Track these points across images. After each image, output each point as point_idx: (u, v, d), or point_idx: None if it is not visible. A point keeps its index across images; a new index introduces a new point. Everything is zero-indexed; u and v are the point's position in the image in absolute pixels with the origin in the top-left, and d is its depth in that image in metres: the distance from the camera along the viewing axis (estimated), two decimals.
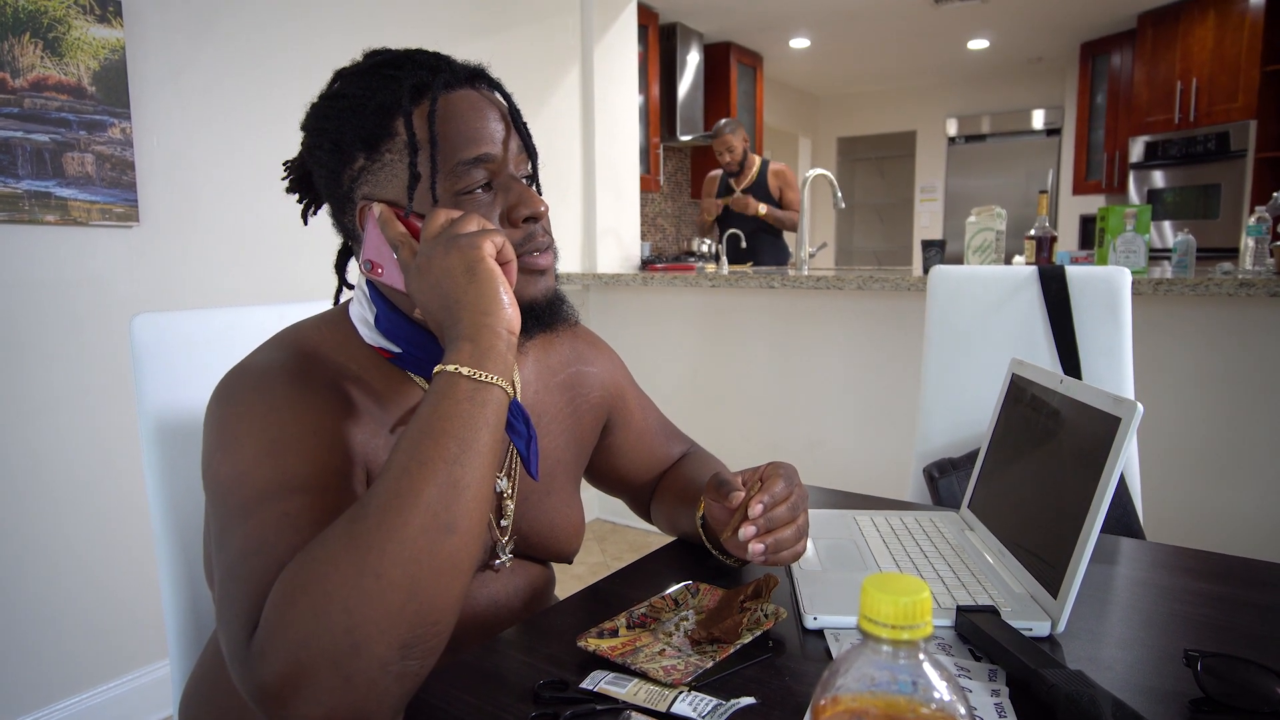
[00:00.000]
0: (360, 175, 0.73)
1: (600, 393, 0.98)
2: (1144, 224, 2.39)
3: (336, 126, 0.73)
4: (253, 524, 0.61)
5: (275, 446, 0.65)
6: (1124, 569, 0.95)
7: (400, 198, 0.72)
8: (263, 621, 0.54)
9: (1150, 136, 4.90)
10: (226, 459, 0.65)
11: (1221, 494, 2.22)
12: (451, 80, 0.73)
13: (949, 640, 0.75)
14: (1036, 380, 1.00)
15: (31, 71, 1.71)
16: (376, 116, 0.71)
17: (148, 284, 1.95)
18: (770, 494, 0.78)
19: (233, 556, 0.60)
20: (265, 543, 0.60)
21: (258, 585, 0.57)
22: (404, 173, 0.71)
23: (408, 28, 2.57)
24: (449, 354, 0.63)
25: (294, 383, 0.69)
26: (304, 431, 0.66)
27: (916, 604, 0.37)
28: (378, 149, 0.72)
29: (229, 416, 0.68)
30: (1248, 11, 4.31)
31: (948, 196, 7.08)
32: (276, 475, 0.63)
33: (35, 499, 1.80)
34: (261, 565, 0.58)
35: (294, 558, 0.56)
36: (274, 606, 0.54)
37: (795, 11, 4.99)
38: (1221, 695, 0.63)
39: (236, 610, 0.57)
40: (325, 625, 0.52)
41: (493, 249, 0.66)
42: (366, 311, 0.77)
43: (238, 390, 0.70)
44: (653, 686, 0.65)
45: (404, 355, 0.76)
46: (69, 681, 1.85)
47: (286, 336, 0.77)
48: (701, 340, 3.14)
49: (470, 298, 0.64)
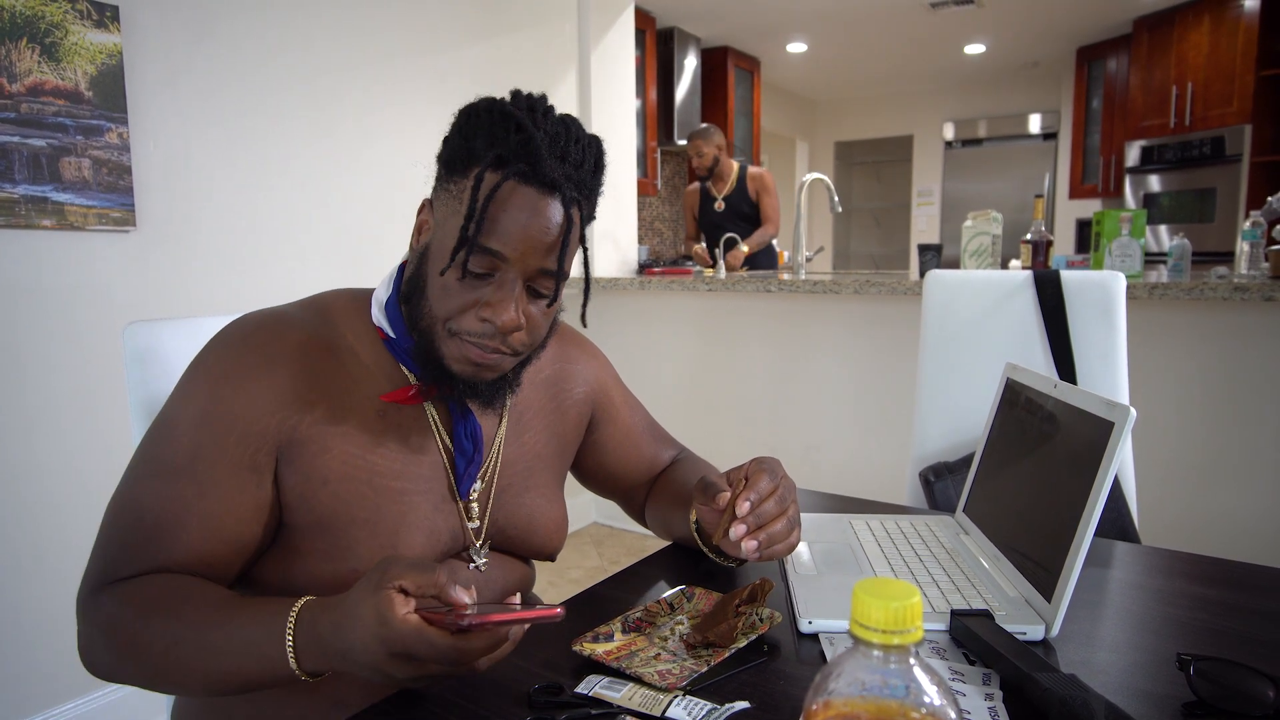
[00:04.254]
0: (440, 183, 0.79)
1: (585, 389, 0.99)
2: (1139, 228, 2.40)
3: (465, 132, 0.76)
4: (144, 487, 0.74)
5: (201, 419, 0.74)
6: (1118, 573, 0.95)
7: (440, 225, 0.77)
8: (96, 614, 0.71)
9: (1146, 141, 4.92)
10: (174, 404, 0.76)
11: (1216, 498, 2.22)
12: (531, 177, 0.72)
13: (943, 644, 0.75)
14: (1031, 384, 1.00)
15: (29, 76, 1.71)
16: (465, 155, 0.75)
17: (144, 289, 1.95)
18: (755, 491, 0.79)
19: (119, 502, 0.75)
20: (145, 516, 0.73)
21: (117, 560, 0.72)
22: (457, 216, 0.74)
23: (406, 33, 2.58)
24: (312, 624, 0.64)
25: (263, 347, 0.77)
26: (227, 413, 0.74)
27: (907, 609, 0.37)
28: (452, 178, 0.76)
29: (200, 362, 0.77)
30: (1242, 16, 4.33)
31: (944, 201, 7.09)
32: (183, 450, 0.73)
33: (33, 503, 1.80)
34: (127, 543, 0.72)
35: (135, 608, 0.69)
36: (102, 621, 0.71)
37: (792, 16, 5.00)
38: (1214, 698, 0.64)
39: (97, 561, 0.74)
40: (115, 649, 0.71)
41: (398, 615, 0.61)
42: (382, 292, 0.83)
43: (224, 340, 0.78)
44: (648, 691, 0.65)
45: (395, 341, 0.81)
46: (68, 686, 1.85)
47: (320, 295, 0.86)
48: (698, 344, 3.15)
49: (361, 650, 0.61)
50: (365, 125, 2.45)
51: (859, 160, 7.98)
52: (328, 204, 2.35)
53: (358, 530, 0.76)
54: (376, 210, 2.48)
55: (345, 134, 2.40)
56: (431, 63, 2.66)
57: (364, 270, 2.44)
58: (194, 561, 0.73)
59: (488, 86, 1.51)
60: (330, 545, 0.76)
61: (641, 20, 4.56)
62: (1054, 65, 6.24)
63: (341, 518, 0.76)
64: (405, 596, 0.60)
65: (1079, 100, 5.68)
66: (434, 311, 0.76)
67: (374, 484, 0.78)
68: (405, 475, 0.80)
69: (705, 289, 2.97)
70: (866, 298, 2.73)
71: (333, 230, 2.36)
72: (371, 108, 2.47)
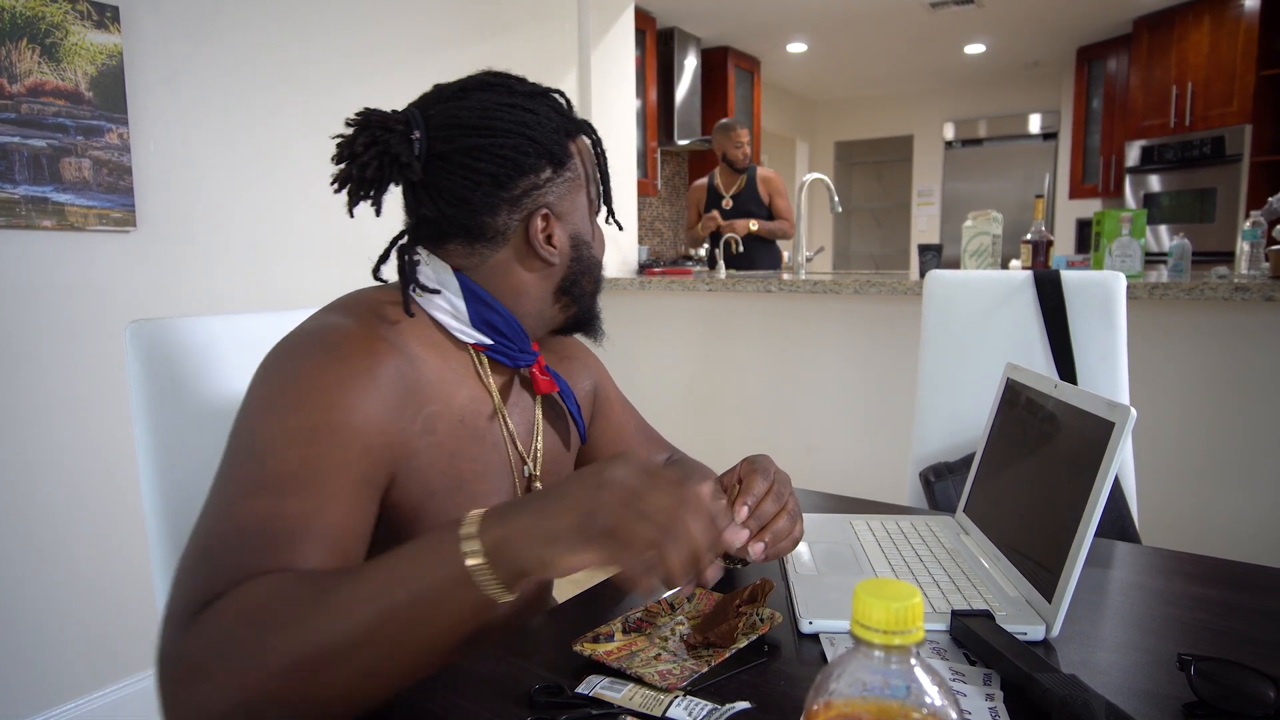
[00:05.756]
0: (545, 185, 0.80)
1: (588, 383, 1.01)
2: (1140, 228, 2.40)
3: (522, 132, 0.78)
4: (246, 507, 0.62)
5: (311, 433, 0.65)
6: (1118, 573, 0.95)
7: (571, 214, 0.83)
8: (211, 622, 0.56)
9: (1146, 141, 4.92)
10: (266, 420, 0.66)
11: (1217, 498, 2.22)
12: (584, 126, 0.85)
13: (944, 644, 0.75)
14: (1031, 385, 1.00)
15: (29, 77, 1.71)
16: (558, 136, 0.80)
17: (145, 289, 1.95)
18: (751, 494, 0.80)
19: (214, 530, 0.62)
20: (250, 537, 0.60)
21: (217, 576, 0.58)
22: (580, 194, 0.83)
23: (405, 33, 2.58)
24: (494, 524, 0.57)
25: (360, 357, 0.70)
26: (347, 424, 0.67)
27: (908, 609, 0.37)
28: (564, 166, 0.81)
29: (291, 374, 0.69)
30: (1243, 16, 4.33)
31: (945, 200, 7.09)
32: (292, 466, 0.64)
33: (32, 504, 1.80)
34: (230, 562, 0.59)
35: (267, 587, 0.57)
36: (225, 620, 0.56)
37: (792, 16, 5.00)
38: (1214, 699, 0.64)
39: (193, 588, 0.59)
40: (246, 669, 0.54)
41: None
42: (448, 303, 0.80)
43: (309, 351, 0.71)
44: (648, 691, 0.65)
45: (496, 346, 0.81)
46: (66, 687, 1.85)
47: (360, 301, 0.78)
48: (699, 344, 3.15)
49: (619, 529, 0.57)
50: None
51: (859, 160, 7.98)
52: (327, 203, 2.35)
53: None
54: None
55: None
56: (431, 62, 2.66)
57: (363, 270, 2.44)
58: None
59: None
60: None
61: (641, 20, 4.57)
62: (1054, 65, 6.24)
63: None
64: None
65: (1079, 100, 5.68)
66: (599, 271, 0.88)
67: (465, 490, 0.77)
68: (487, 477, 0.80)
69: (705, 289, 2.97)
70: (867, 298, 2.73)
71: (332, 230, 2.36)
72: (371, 107, 2.46)
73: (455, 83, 0.81)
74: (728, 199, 4.14)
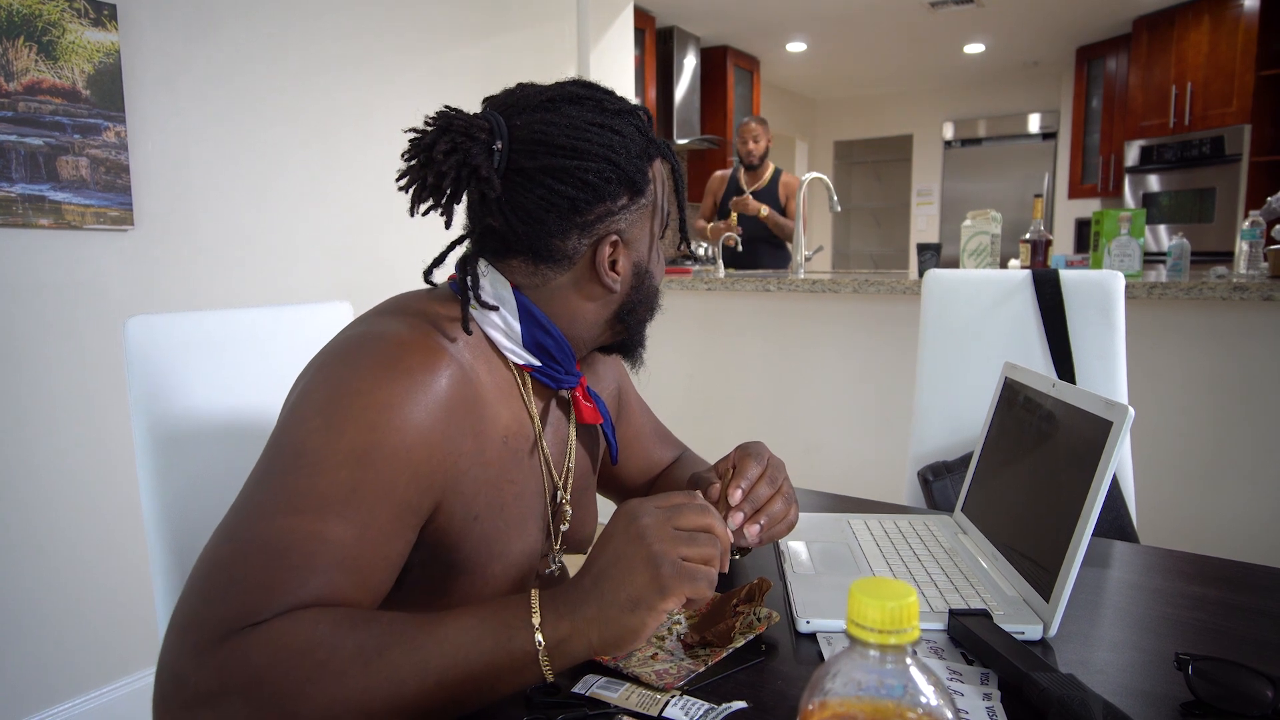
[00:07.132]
0: (620, 212, 0.77)
1: (613, 385, 1.00)
2: (1139, 228, 2.40)
3: (607, 156, 0.74)
4: (285, 523, 0.59)
5: (362, 456, 0.62)
6: (1116, 572, 0.95)
7: (639, 241, 0.80)
8: (240, 654, 0.54)
9: (1145, 141, 4.92)
10: (315, 432, 0.63)
11: (1215, 497, 2.22)
12: (664, 150, 0.82)
13: (941, 643, 0.75)
14: (1029, 384, 1.00)
15: (26, 75, 1.71)
16: (639, 162, 0.77)
17: (142, 287, 1.95)
18: (745, 478, 0.80)
19: (247, 538, 0.59)
20: (286, 556, 0.58)
21: (247, 597, 0.57)
22: (650, 221, 0.80)
23: (405, 32, 2.57)
24: (553, 616, 0.59)
25: (420, 371, 0.67)
26: (400, 448, 0.64)
27: (903, 608, 0.37)
28: (641, 194, 0.78)
29: (345, 385, 0.65)
30: (1242, 16, 4.33)
31: (944, 200, 7.09)
32: (338, 489, 0.61)
33: (31, 503, 1.79)
34: (259, 581, 0.57)
35: (310, 632, 0.56)
36: (259, 658, 0.54)
37: (792, 15, 5.00)
38: (1212, 698, 0.64)
39: (216, 601, 0.57)
40: (270, 713, 0.53)
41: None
42: (503, 320, 0.76)
43: (366, 360, 0.67)
44: (645, 691, 0.65)
45: (543, 368, 0.79)
46: (65, 685, 1.85)
47: (417, 311, 0.74)
48: (698, 343, 3.14)
49: (638, 602, 0.59)
50: (363, 124, 2.45)
51: (858, 160, 7.98)
52: (325, 203, 2.35)
53: (494, 565, 0.74)
54: (374, 209, 2.48)
55: (343, 133, 2.39)
56: (431, 62, 2.66)
57: (362, 270, 2.44)
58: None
59: (487, 86, 1.52)
60: (468, 583, 0.73)
61: (641, 19, 4.56)
62: (1054, 65, 6.24)
63: (483, 554, 0.73)
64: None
65: (1078, 100, 5.68)
66: (657, 300, 0.85)
67: (504, 514, 0.75)
68: (523, 500, 0.79)
69: (705, 288, 2.97)
70: (866, 297, 2.73)
71: (330, 229, 2.36)
72: (370, 107, 2.46)
73: (543, 89, 0.76)
74: (748, 194, 4.11)
